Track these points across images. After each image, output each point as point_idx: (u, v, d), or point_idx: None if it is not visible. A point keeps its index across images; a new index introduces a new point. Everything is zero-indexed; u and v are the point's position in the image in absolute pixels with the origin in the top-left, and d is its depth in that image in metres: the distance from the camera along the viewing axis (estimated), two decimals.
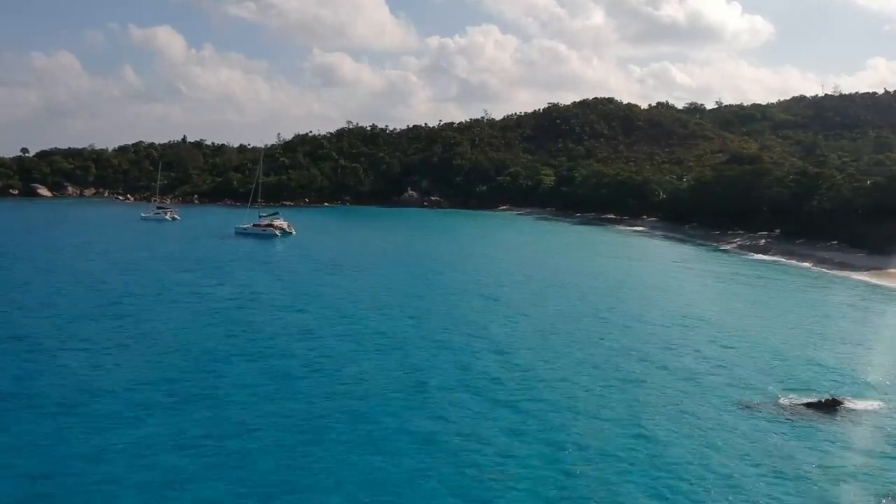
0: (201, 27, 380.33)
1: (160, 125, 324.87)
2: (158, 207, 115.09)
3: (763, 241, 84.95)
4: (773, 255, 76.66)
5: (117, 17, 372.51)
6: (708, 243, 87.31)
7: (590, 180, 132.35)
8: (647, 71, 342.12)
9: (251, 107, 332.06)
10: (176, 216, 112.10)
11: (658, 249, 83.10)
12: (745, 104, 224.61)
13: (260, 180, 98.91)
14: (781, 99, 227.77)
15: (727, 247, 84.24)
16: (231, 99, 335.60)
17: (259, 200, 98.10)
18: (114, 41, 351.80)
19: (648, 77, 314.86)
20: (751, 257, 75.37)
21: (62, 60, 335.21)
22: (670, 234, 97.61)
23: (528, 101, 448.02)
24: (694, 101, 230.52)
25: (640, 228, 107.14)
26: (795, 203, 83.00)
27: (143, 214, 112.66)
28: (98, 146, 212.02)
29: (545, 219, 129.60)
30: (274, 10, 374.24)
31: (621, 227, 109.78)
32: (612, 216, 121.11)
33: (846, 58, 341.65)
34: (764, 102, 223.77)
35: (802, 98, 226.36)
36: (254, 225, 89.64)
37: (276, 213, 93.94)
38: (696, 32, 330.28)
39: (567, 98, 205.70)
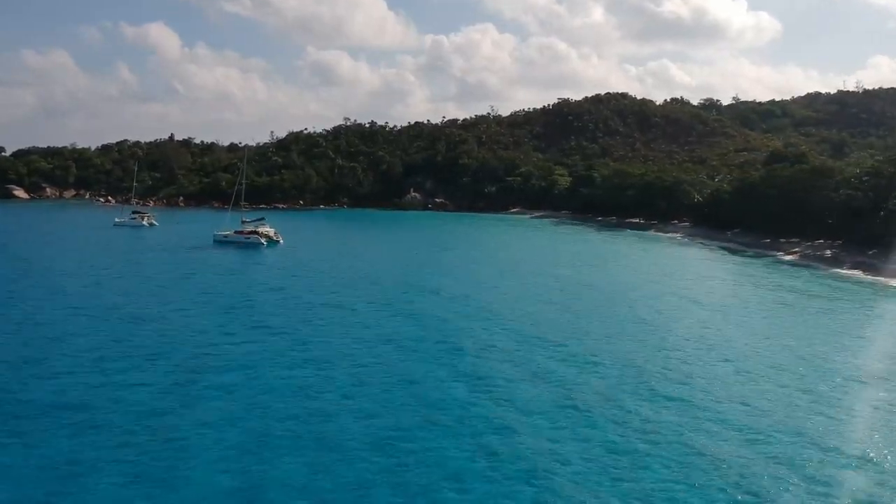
0: (197, 25, 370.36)
1: (159, 125, 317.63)
2: (134, 212, 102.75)
3: (828, 251, 73.32)
4: (848, 268, 64.94)
5: (112, 14, 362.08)
6: (764, 253, 75.59)
7: (611, 181, 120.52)
8: (645, 69, 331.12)
9: (249, 106, 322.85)
10: (154, 222, 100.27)
11: (712, 261, 71.05)
12: (760, 101, 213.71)
13: (244, 182, 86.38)
14: (794, 96, 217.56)
15: (789, 257, 72.58)
16: (228, 98, 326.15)
17: (242, 204, 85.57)
18: (109, 39, 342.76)
19: (647, 76, 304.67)
20: (828, 272, 63.43)
21: (57, 59, 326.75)
22: (713, 242, 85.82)
23: (527, 101, 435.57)
24: (691, 98, 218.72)
25: (676, 235, 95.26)
26: (868, 207, 71.44)
27: (116, 220, 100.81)
28: (94, 146, 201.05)
29: (563, 223, 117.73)
30: (271, 8, 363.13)
31: (653, 234, 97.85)
32: (640, 221, 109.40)
33: (848, 55, 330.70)
34: (777, 99, 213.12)
35: (818, 95, 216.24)
36: (235, 232, 78.09)
37: (262, 219, 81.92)
38: (701, 30, 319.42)
39: (567, 97, 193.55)
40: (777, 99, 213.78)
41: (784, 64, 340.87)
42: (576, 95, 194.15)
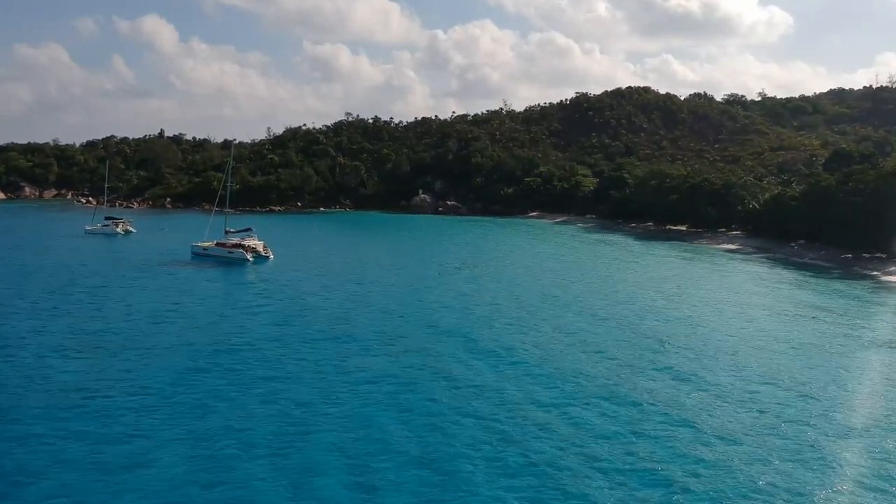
0: (193, 17, 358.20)
1: (156, 121, 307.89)
2: (107, 218, 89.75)
3: None
4: None
5: (107, 8, 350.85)
6: (854, 272, 62.94)
7: (647, 184, 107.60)
8: (646, 65, 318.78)
9: (247, 101, 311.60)
10: (130, 229, 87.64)
11: (803, 288, 57.51)
12: (790, 96, 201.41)
13: (230, 184, 73.54)
14: (817, 92, 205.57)
15: (886, 278, 59.93)
16: (226, 93, 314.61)
17: (227, 210, 72.77)
18: (105, 32, 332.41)
19: (648, 72, 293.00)
20: None
21: (51, 53, 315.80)
22: (779, 257, 73.16)
23: (530, 97, 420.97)
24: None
25: (731, 247, 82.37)
26: None
27: (87, 227, 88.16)
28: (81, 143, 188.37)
29: (593, 230, 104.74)
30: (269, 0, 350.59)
31: (705, 245, 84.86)
32: (683, 229, 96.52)
33: (857, 52, 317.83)
34: (787, 96, 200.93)
35: (842, 90, 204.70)
36: (217, 244, 65.67)
37: (249, 229, 69.06)
38: (711, 25, 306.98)
39: (571, 94, 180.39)
40: (787, 96, 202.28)
41: (791, 60, 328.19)
42: (581, 91, 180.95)
